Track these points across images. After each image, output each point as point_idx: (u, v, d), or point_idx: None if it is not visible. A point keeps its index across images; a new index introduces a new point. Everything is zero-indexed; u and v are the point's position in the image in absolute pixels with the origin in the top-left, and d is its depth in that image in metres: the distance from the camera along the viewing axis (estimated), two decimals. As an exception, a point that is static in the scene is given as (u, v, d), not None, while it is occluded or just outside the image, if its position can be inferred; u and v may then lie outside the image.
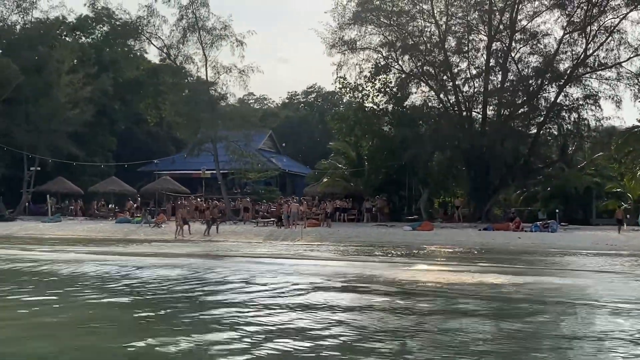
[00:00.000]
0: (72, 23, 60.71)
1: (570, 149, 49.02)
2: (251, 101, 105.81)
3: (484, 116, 45.60)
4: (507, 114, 45.24)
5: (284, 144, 76.01)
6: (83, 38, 62.08)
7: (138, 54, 62.38)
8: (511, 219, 41.71)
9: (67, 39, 59.59)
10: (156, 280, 16.48)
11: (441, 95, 46.43)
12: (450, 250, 29.99)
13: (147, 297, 13.82)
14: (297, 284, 15.50)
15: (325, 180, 50.25)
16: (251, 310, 12.02)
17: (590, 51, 43.37)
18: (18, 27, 55.02)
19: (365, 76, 46.76)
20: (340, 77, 46.96)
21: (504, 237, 35.52)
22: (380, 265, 21.55)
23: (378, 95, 47.28)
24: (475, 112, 46.79)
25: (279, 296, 13.81)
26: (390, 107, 47.69)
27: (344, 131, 48.78)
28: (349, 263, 22.56)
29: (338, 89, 49.55)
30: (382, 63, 46.65)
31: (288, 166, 68.84)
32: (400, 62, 46.73)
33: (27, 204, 52.33)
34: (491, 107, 45.70)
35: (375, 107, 47.59)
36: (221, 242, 34.53)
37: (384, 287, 15.68)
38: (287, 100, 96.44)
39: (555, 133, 46.17)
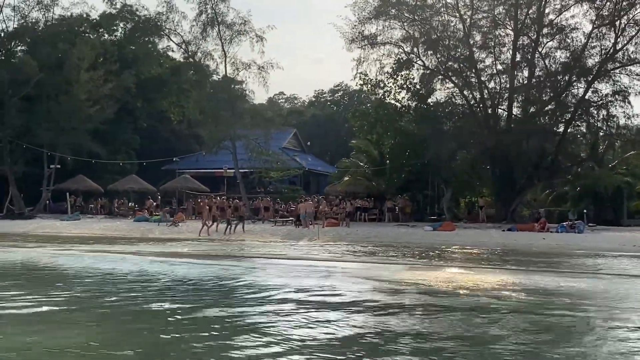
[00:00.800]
0: (95, 20, 60.33)
1: (600, 147, 47.47)
2: (281, 100, 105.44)
3: (510, 113, 44.16)
4: (533, 111, 43.72)
5: (308, 143, 75.13)
6: (106, 35, 61.60)
7: (162, 51, 61.91)
8: (537, 219, 40.38)
9: (90, 36, 59.18)
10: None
11: (465, 92, 45.03)
12: (469, 251, 28.84)
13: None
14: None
15: (346, 179, 49.25)
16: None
17: (620, 45, 41.77)
18: (40, 24, 54.65)
19: (387, 72, 45.53)
20: (361, 73, 45.89)
21: (528, 238, 34.24)
22: (390, 267, 20.66)
23: (400, 91, 46.00)
24: (501, 109, 45.28)
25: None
26: (412, 104, 46.40)
27: (365, 129, 47.55)
28: (363, 265, 21.66)
29: (359, 85, 48.28)
30: (404, 58, 45.31)
31: (313, 165, 67.94)
32: (422, 58, 45.43)
33: (47, 202, 52.01)
34: (516, 104, 44.23)
35: (397, 103, 46.26)
36: (239, 241, 33.83)
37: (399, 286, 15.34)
38: (314, 99, 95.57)
39: (584, 130, 44.53)
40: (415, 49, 45.00)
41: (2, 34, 53.58)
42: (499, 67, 44.70)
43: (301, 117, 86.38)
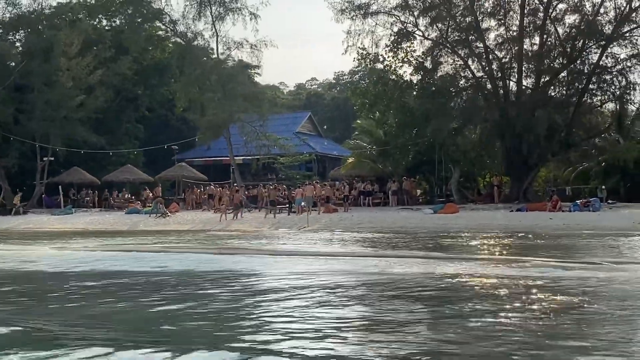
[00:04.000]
0: (91, 5, 58.11)
1: (628, 119, 43.94)
2: (314, 85, 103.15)
3: (520, 85, 40.60)
4: (544, 81, 40.18)
5: (325, 127, 72.46)
6: (104, 21, 59.43)
7: (163, 35, 59.40)
8: (551, 197, 37.20)
9: (90, 21, 57.02)
10: None
11: (471, 64, 41.55)
12: (457, 235, 25.95)
13: None
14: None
15: (349, 161, 46.41)
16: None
17: (638, 4, 38.03)
18: (35, 13, 52.85)
19: (386, 45, 42.03)
20: (359, 47, 42.45)
21: (535, 218, 31.33)
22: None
23: (402, 66, 42.51)
24: (511, 81, 41.64)
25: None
26: (416, 78, 42.93)
27: (366, 107, 44.25)
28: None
29: (356, 60, 44.49)
30: (403, 30, 41.76)
31: (328, 149, 65.22)
32: (422, 28, 41.84)
33: (41, 195, 50.10)
34: (525, 74, 40.62)
35: (398, 79, 42.67)
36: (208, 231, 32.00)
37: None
38: (334, 81, 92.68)
39: (601, 100, 40.98)
40: (412, 18, 41.48)
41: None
42: (507, 35, 41.18)
43: (321, 100, 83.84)
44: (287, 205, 40.15)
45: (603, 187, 39.20)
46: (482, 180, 48.34)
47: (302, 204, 37.95)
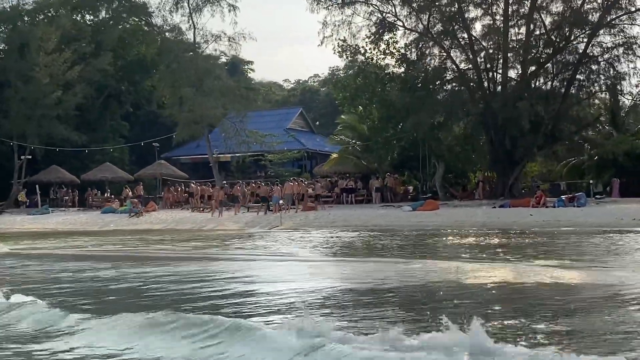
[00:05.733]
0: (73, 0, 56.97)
1: (623, 112, 42.48)
2: (315, 82, 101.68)
3: (505, 76, 38.96)
4: (531, 72, 38.56)
5: (317, 123, 70.89)
6: (87, 16, 58.13)
7: (147, 30, 58.04)
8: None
9: (74, 16, 55.79)
10: None
11: (454, 55, 39.93)
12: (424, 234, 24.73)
13: None
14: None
15: (333, 157, 44.95)
16: None
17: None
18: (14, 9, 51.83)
19: (367, 36, 40.49)
20: (339, 39, 40.73)
21: (515, 215, 30.03)
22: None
23: (384, 58, 40.94)
24: (497, 72, 39.93)
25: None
26: (399, 71, 41.25)
27: (348, 100, 42.67)
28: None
29: (337, 53, 42.61)
30: (383, 20, 40.02)
31: (320, 146, 63.65)
32: (402, 18, 40.14)
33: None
34: (511, 65, 38.97)
35: (378, 71, 41.07)
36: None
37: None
38: (329, 76, 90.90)
39: (587, 90, 39.36)
40: (392, 8, 39.84)
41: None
42: (492, 24, 39.56)
43: (316, 96, 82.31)
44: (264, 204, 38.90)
45: (591, 181, 37.69)
46: (474, 176, 46.81)
47: (280, 201, 36.64)
